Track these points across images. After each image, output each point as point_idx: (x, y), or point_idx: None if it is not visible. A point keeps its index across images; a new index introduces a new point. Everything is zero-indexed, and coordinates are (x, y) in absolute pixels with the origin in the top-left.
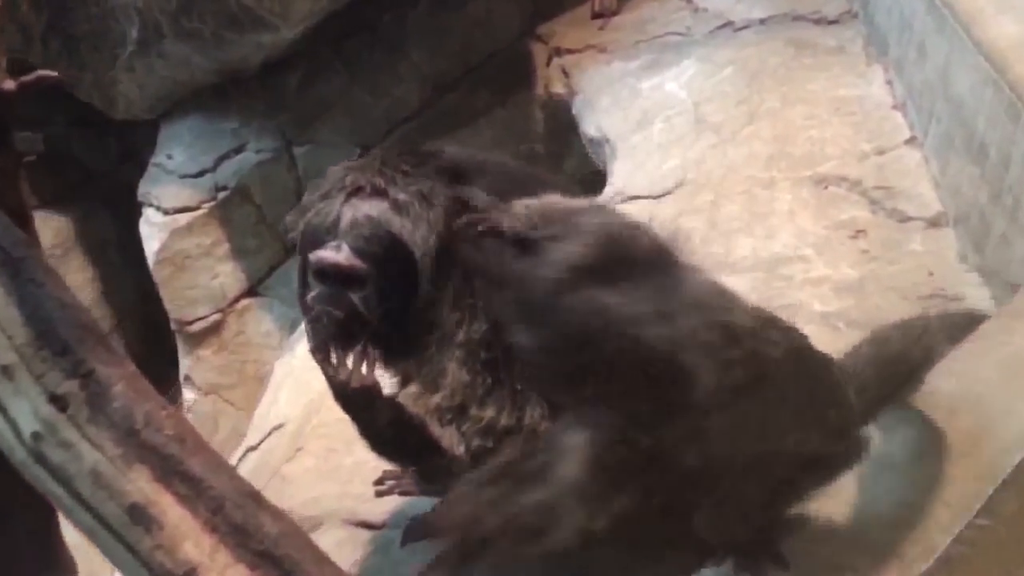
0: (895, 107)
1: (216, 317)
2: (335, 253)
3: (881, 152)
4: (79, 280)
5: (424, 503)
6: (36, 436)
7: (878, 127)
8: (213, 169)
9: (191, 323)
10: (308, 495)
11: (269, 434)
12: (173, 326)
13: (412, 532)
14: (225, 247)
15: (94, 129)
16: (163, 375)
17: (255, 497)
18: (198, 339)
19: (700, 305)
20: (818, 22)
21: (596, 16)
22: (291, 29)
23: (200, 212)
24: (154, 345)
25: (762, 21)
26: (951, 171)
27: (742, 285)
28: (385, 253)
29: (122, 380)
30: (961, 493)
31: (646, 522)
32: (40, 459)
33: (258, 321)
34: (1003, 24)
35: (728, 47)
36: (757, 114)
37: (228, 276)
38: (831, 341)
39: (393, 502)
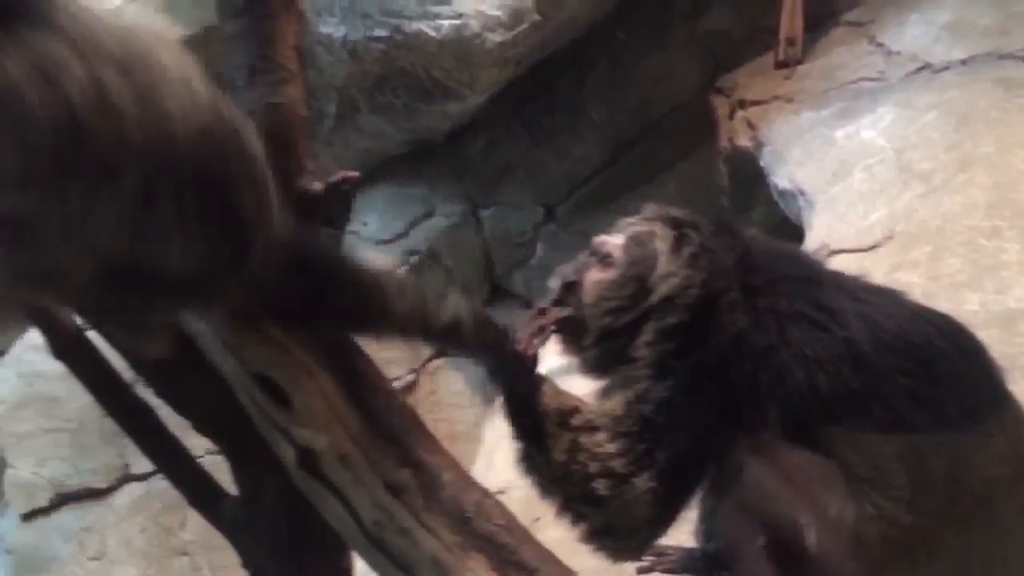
0: None
1: (411, 377)
2: (612, 237)
3: None
4: None
5: None
6: (378, 524)
7: None
8: (405, 234)
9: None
10: None
11: None
12: None
13: None
14: None
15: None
16: None
17: None
18: None
19: None
20: None
21: (780, 65)
22: (477, 97)
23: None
24: None
25: (963, 62)
26: None
27: None
28: (639, 266)
29: (449, 469)
30: None
31: None
32: (381, 546)
33: (449, 381)
34: None
35: (929, 91)
36: (970, 160)
37: None
38: None
39: None
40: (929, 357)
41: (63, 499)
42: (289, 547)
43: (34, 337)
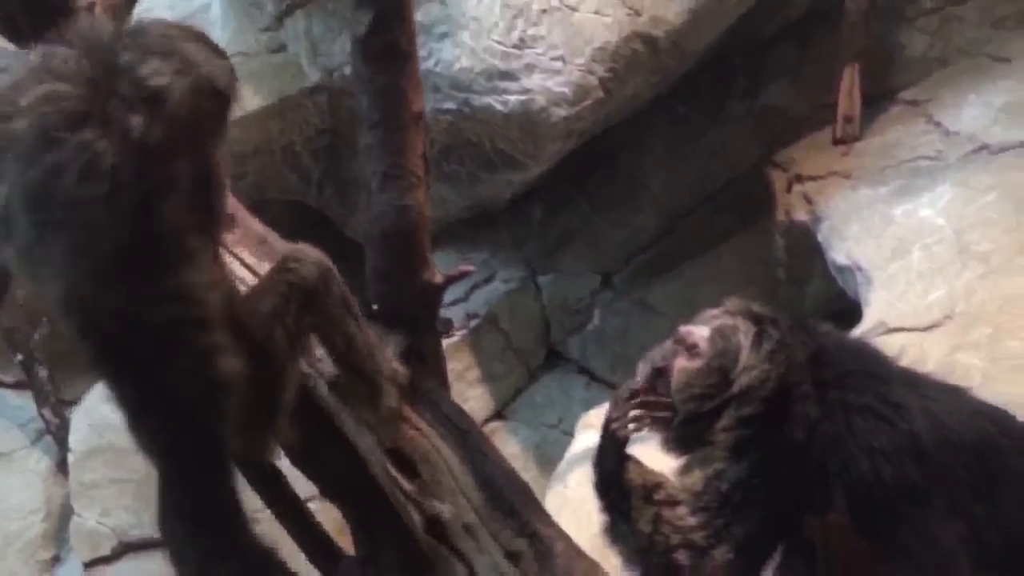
0: None
1: None
2: (697, 328)
3: None
4: None
5: None
6: None
7: None
8: (465, 299)
9: None
10: None
11: None
12: None
13: None
14: (476, 372)
15: (357, 263)
16: None
17: None
18: None
19: None
20: None
21: (838, 142)
22: (539, 167)
23: (454, 339)
24: None
25: (1022, 143)
26: None
27: None
28: (723, 358)
29: (561, 539)
30: None
31: None
32: None
33: (504, 443)
34: None
35: (987, 172)
36: None
37: (478, 400)
38: None
39: None
40: (988, 453)
41: (126, 548)
42: None
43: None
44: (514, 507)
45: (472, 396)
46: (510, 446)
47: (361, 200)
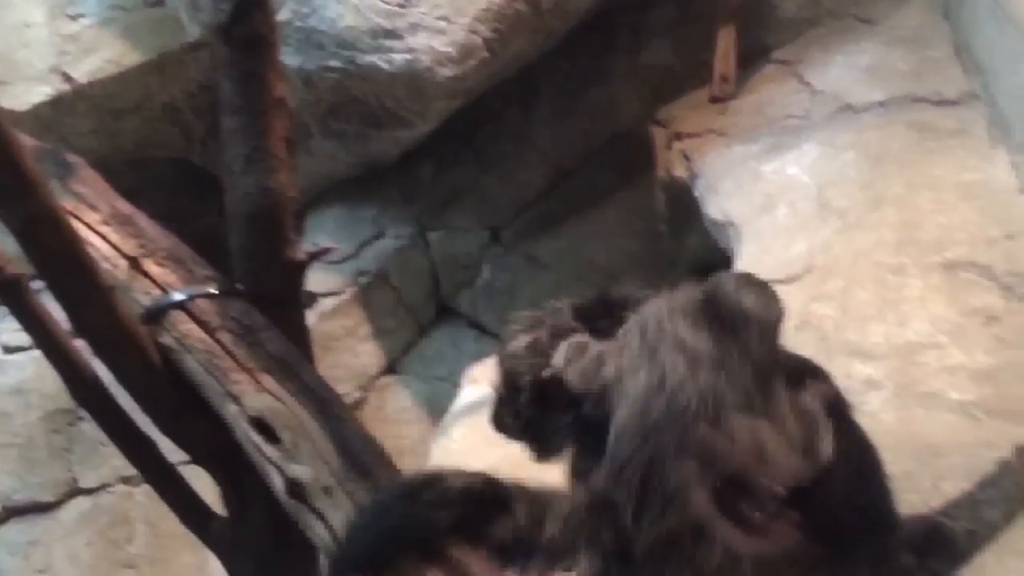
0: (1021, 191)
1: (358, 395)
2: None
3: (1010, 237)
4: None
5: None
6: None
7: (1005, 212)
8: (355, 255)
9: None
10: None
11: None
12: None
13: None
14: (366, 328)
15: None
16: None
17: None
18: None
19: None
20: (939, 104)
21: (715, 100)
22: (427, 125)
23: (344, 296)
24: None
25: (881, 103)
26: None
27: (878, 373)
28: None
29: None
30: None
31: None
32: None
33: (396, 397)
34: None
35: (849, 131)
36: (883, 199)
37: (369, 355)
38: (972, 431)
39: None
40: None
41: (10, 513)
42: (270, 560)
43: None
44: (368, 468)
45: (363, 351)
46: (401, 400)
47: (225, 182)
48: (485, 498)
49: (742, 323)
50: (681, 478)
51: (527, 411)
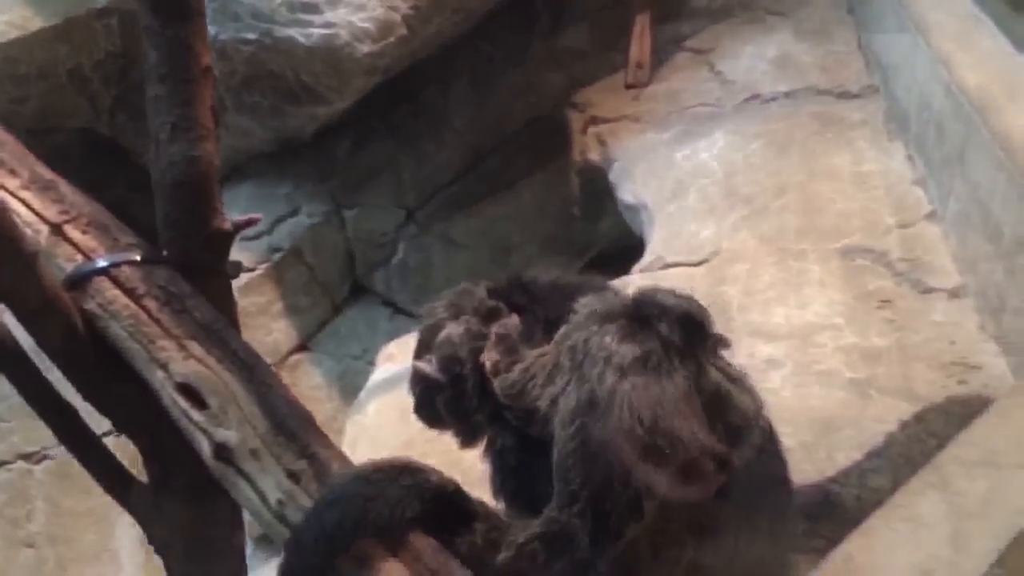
0: (915, 182)
1: None
2: (426, 365)
3: (904, 226)
4: None
5: None
6: (280, 503)
7: (900, 201)
8: (269, 231)
9: None
10: None
11: None
12: None
13: None
14: (279, 305)
15: (151, 194)
16: None
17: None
18: None
19: None
20: (841, 96)
21: (629, 86)
22: (344, 102)
23: (257, 272)
24: None
25: (787, 94)
26: (968, 246)
27: (779, 352)
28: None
29: (337, 459)
30: (979, 549)
31: None
32: (283, 520)
33: (309, 375)
34: (1016, 115)
35: (756, 120)
36: (787, 187)
37: (282, 332)
38: (863, 407)
39: None
40: None
41: None
42: (193, 526)
43: None
44: (295, 432)
45: (276, 328)
46: (314, 377)
47: (150, 150)
48: (453, 504)
49: (660, 316)
50: (631, 494)
51: (475, 399)
